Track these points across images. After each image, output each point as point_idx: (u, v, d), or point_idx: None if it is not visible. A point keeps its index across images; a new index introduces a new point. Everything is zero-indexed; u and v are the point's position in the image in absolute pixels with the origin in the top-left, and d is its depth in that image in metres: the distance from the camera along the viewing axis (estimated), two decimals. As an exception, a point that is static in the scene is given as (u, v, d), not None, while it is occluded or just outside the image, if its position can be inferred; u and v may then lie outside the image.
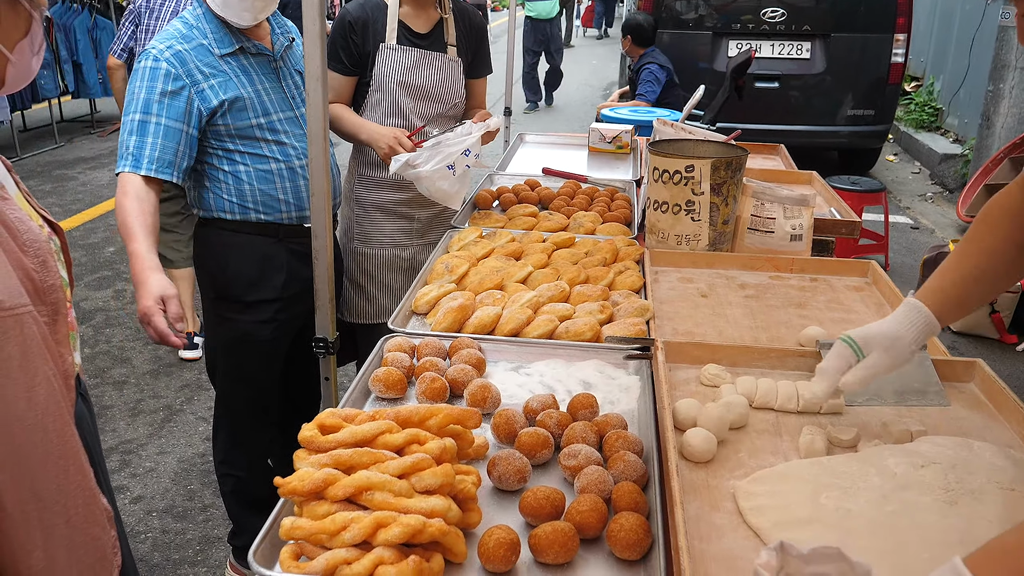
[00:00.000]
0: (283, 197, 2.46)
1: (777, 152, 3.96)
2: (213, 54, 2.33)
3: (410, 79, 2.80)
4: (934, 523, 1.20)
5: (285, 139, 2.45)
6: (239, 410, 2.67)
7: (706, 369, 1.71)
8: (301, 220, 2.52)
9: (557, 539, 1.23)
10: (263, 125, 2.40)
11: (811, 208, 2.47)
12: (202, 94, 2.30)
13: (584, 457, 1.42)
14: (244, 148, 2.40)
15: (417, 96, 2.83)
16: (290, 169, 2.46)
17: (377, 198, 2.92)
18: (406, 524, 1.18)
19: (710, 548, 1.21)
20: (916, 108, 9.96)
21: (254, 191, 2.42)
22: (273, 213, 2.46)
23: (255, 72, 2.41)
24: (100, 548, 1.21)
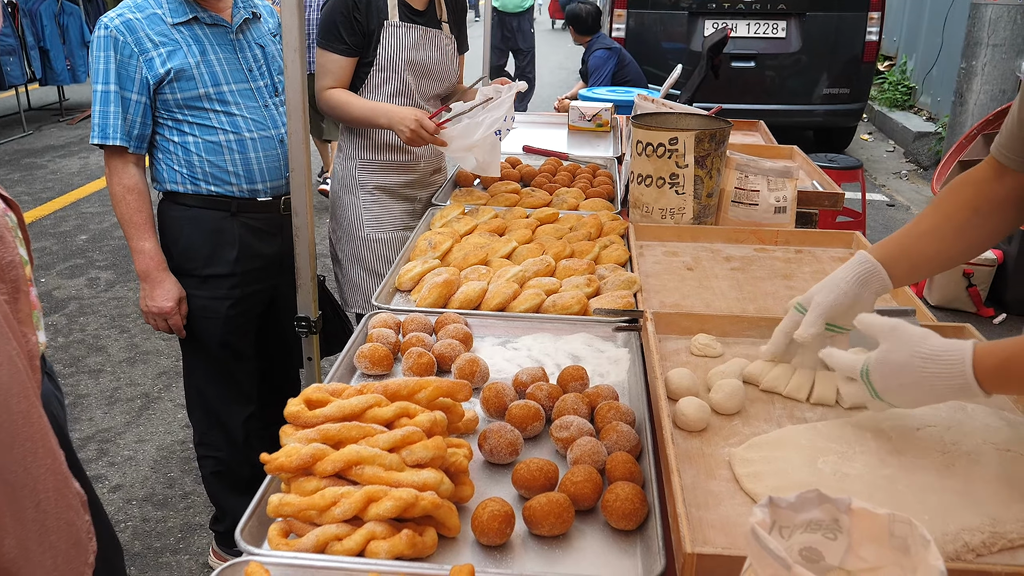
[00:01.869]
0: (232, 169, 2.42)
1: (757, 128, 3.95)
2: (165, 22, 2.30)
3: (415, 57, 2.72)
4: (932, 484, 1.19)
5: (236, 111, 2.40)
6: (207, 386, 2.64)
7: (696, 339, 1.69)
8: (253, 194, 2.48)
9: (552, 510, 1.21)
10: (211, 96, 2.35)
11: (795, 180, 2.46)
12: (150, 62, 2.27)
13: (576, 428, 1.40)
14: (192, 119, 2.36)
15: (421, 75, 2.76)
16: (239, 141, 2.41)
17: (382, 181, 2.84)
18: (398, 498, 1.15)
19: (708, 515, 1.19)
20: (890, 87, 10.03)
21: (203, 162, 2.38)
22: (223, 185, 2.43)
23: (208, 42, 2.36)
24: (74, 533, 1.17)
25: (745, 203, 2.46)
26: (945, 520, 1.12)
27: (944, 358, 1.13)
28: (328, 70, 2.65)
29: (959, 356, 1.12)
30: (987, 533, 1.11)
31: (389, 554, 1.13)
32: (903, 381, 1.18)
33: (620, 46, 6.79)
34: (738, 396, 1.44)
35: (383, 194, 2.85)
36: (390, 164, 2.83)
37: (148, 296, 2.38)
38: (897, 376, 1.18)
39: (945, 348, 1.14)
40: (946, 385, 1.14)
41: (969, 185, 1.47)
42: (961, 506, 1.15)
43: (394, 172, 2.85)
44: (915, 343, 1.16)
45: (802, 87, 7.57)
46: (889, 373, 1.19)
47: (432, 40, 2.75)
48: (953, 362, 1.12)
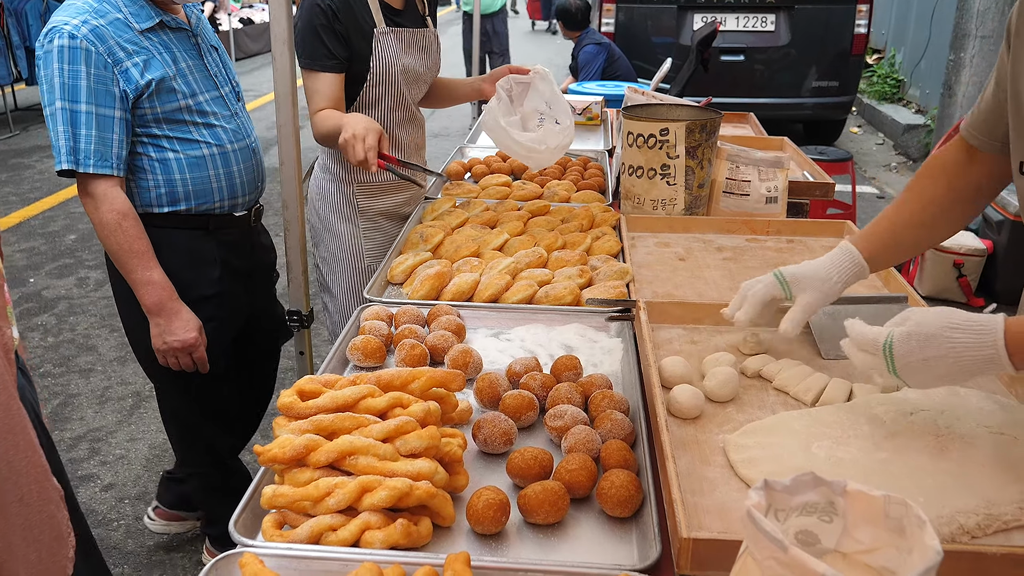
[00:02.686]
0: (216, 184, 2.25)
1: (747, 120, 3.96)
2: (132, 28, 2.08)
3: (408, 64, 2.47)
4: (927, 467, 1.19)
5: (215, 121, 2.24)
6: (187, 412, 2.49)
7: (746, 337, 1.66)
8: (232, 209, 2.33)
9: (547, 498, 1.20)
10: (191, 107, 2.17)
11: (786, 170, 2.46)
12: (126, 74, 2.05)
13: (570, 417, 1.40)
14: (172, 133, 2.17)
15: (412, 81, 2.53)
16: (223, 154, 2.25)
17: (381, 205, 2.61)
18: (392, 487, 1.15)
19: (703, 501, 1.19)
20: (878, 80, 10.06)
21: (185, 180, 2.20)
22: (205, 203, 2.25)
23: (177, 49, 2.17)
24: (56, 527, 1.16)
25: (736, 193, 2.46)
26: (940, 502, 1.12)
27: (975, 328, 1.11)
28: (317, 91, 2.33)
29: (991, 327, 1.10)
30: (982, 515, 1.11)
31: (384, 544, 1.12)
32: (928, 354, 1.14)
33: (610, 41, 6.81)
34: (732, 384, 1.44)
35: (383, 220, 2.63)
36: (388, 185, 2.60)
37: (166, 331, 2.17)
38: (923, 349, 1.14)
39: (976, 319, 1.12)
40: (974, 356, 1.11)
41: (944, 171, 1.48)
42: (956, 488, 1.15)
43: (392, 192, 2.62)
44: (946, 315, 1.14)
45: (791, 80, 7.59)
46: (915, 347, 1.15)
47: (420, 42, 2.53)
48: (984, 332, 1.10)
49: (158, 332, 2.18)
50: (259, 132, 9.30)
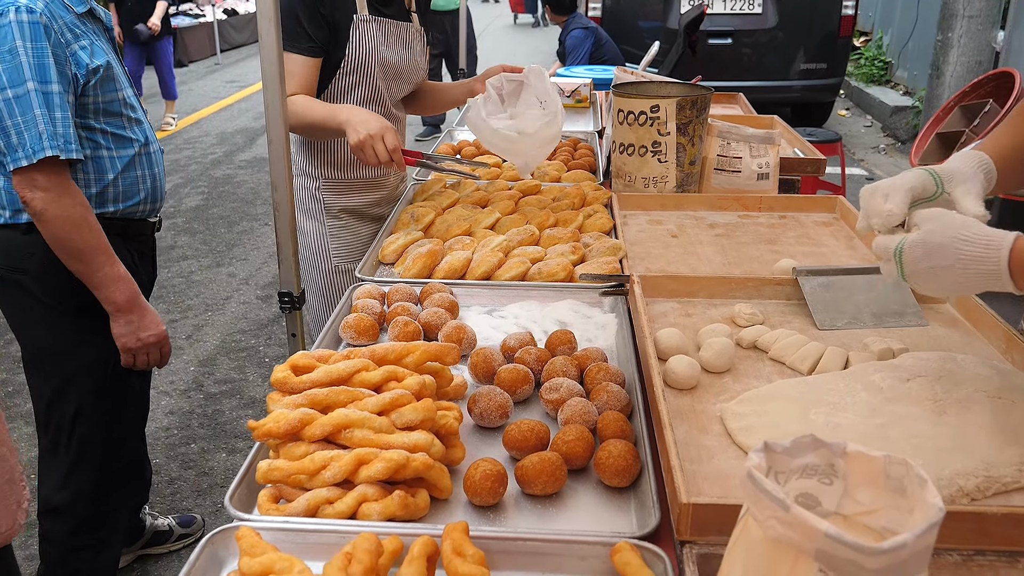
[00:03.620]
0: (143, 186, 2.14)
1: (736, 100, 3.96)
2: (71, 11, 1.95)
3: (387, 57, 2.33)
4: (925, 432, 1.19)
5: (140, 116, 2.12)
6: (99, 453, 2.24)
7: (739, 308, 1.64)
8: (151, 213, 2.21)
9: (545, 469, 1.19)
10: (126, 100, 2.05)
11: (777, 146, 2.45)
12: (75, 57, 1.91)
13: (566, 390, 1.39)
14: (109, 127, 2.03)
15: (392, 76, 2.38)
16: (147, 154, 2.14)
17: (348, 203, 2.46)
18: (389, 459, 1.14)
19: (701, 469, 1.19)
20: (866, 62, 10.07)
21: (116, 180, 2.07)
22: (130, 206, 2.12)
23: (102, 39, 2.06)
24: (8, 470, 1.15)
25: (728, 170, 2.45)
26: (939, 466, 1.12)
27: (983, 241, 1.09)
28: (290, 73, 2.14)
29: (998, 243, 1.09)
30: (981, 477, 1.11)
31: (381, 516, 1.12)
32: (934, 263, 1.13)
33: (597, 25, 6.78)
34: (728, 354, 1.44)
35: (350, 218, 2.48)
36: (357, 182, 2.46)
37: (139, 327, 2.05)
38: (930, 257, 1.13)
39: (988, 234, 1.10)
40: (978, 270, 1.10)
41: None
42: (954, 452, 1.15)
43: (361, 191, 2.48)
44: (958, 227, 1.12)
45: (779, 63, 7.59)
46: (924, 254, 1.14)
47: (403, 36, 2.38)
48: (991, 247, 1.09)
49: (130, 330, 2.04)
50: (247, 122, 9.30)
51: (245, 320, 4.55)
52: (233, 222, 6.10)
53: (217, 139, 8.66)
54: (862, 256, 2.01)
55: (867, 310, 1.62)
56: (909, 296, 1.65)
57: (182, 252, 5.53)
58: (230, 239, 5.78)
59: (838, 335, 1.56)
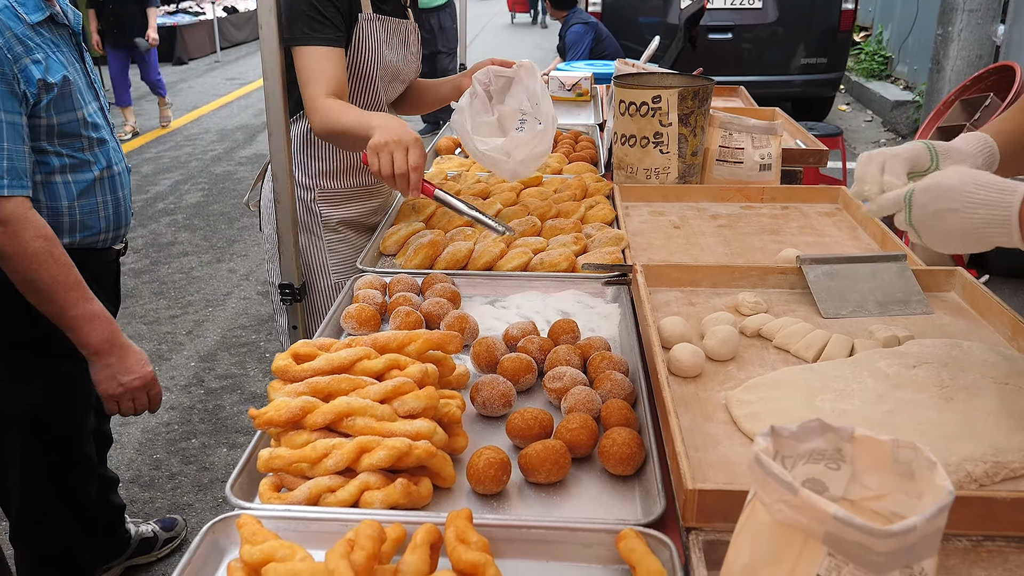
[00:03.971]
0: (103, 213, 1.95)
1: (737, 93, 3.94)
2: (23, 21, 1.74)
3: (388, 58, 2.17)
4: (932, 418, 1.18)
5: (102, 136, 1.92)
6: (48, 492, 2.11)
7: (742, 297, 1.63)
8: (114, 241, 2.03)
9: (549, 457, 1.18)
10: (85, 120, 1.85)
11: (779, 137, 2.44)
12: (26, 73, 1.71)
13: (570, 379, 1.38)
14: (64, 150, 1.83)
15: (390, 78, 2.23)
16: (111, 177, 1.95)
17: (346, 214, 2.29)
18: (391, 447, 1.13)
19: (707, 456, 1.18)
20: (866, 58, 10.05)
21: (72, 208, 1.87)
22: (89, 236, 1.93)
23: (65, 49, 1.86)
24: None
25: (730, 161, 2.44)
26: (947, 451, 1.11)
27: (997, 186, 1.08)
28: (319, 72, 1.92)
29: (1012, 187, 1.07)
30: (989, 463, 1.10)
31: (384, 504, 1.11)
32: (943, 206, 1.11)
33: (597, 20, 6.77)
34: (732, 342, 1.43)
35: (348, 230, 2.30)
36: (355, 191, 2.29)
37: (121, 371, 1.86)
38: (940, 200, 1.12)
39: (1002, 181, 1.09)
40: (987, 215, 1.08)
41: None
42: (962, 438, 1.14)
43: (358, 200, 2.31)
44: (972, 173, 1.11)
45: (779, 58, 7.57)
46: (934, 197, 1.13)
47: (401, 35, 2.23)
48: (1005, 191, 1.07)
49: (110, 374, 1.86)
50: (247, 119, 9.29)
51: (246, 316, 4.54)
52: (233, 218, 6.09)
53: (217, 136, 8.65)
54: (865, 246, 2.00)
55: (871, 298, 1.61)
56: (914, 284, 1.64)
57: (182, 248, 5.52)
58: (230, 235, 5.77)
59: (843, 323, 1.55)
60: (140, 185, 6.84)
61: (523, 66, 2.17)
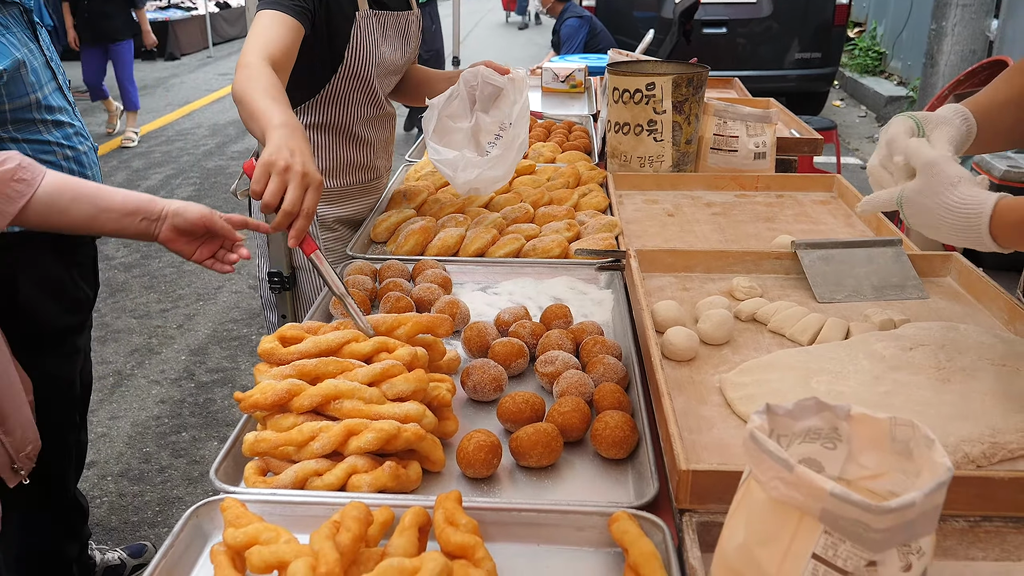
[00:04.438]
0: None
1: (731, 85, 3.92)
2: None
3: (385, 54, 2.05)
4: (929, 399, 1.16)
5: (63, 118, 1.87)
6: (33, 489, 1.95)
7: (737, 282, 1.61)
8: None
9: (540, 440, 1.16)
10: (40, 103, 1.79)
11: (774, 125, 2.42)
12: None
13: (562, 363, 1.36)
14: (21, 135, 1.78)
15: (387, 72, 2.10)
16: (76, 158, 1.91)
17: (343, 212, 2.18)
18: (379, 430, 1.10)
19: (700, 438, 1.16)
20: (860, 53, 10.05)
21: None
22: None
23: (17, 28, 1.79)
24: None
25: (724, 149, 2.42)
26: (944, 432, 1.09)
27: (963, 211, 1.11)
28: (264, 33, 1.71)
29: (977, 211, 1.09)
30: (987, 444, 1.08)
31: (371, 487, 1.08)
32: (925, 222, 1.16)
33: (591, 15, 6.75)
34: (726, 325, 1.41)
35: (345, 229, 2.19)
36: (352, 189, 2.18)
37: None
38: (920, 216, 1.17)
39: (967, 202, 1.11)
40: (962, 237, 1.12)
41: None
42: (959, 418, 1.12)
43: (356, 197, 2.20)
44: (943, 191, 1.13)
45: (774, 52, 7.56)
46: (915, 212, 1.17)
47: (401, 29, 2.11)
48: (971, 216, 1.10)
49: None
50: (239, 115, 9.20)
51: (237, 309, 4.51)
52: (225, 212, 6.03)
53: (209, 131, 8.60)
54: (860, 233, 1.98)
55: (867, 283, 1.59)
56: (910, 269, 1.62)
57: (174, 243, 5.47)
58: (222, 230, 5.73)
59: (838, 308, 1.54)
60: (131, 180, 6.79)
61: (514, 80, 2.03)
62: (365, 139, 2.14)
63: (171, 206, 1.48)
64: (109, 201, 1.45)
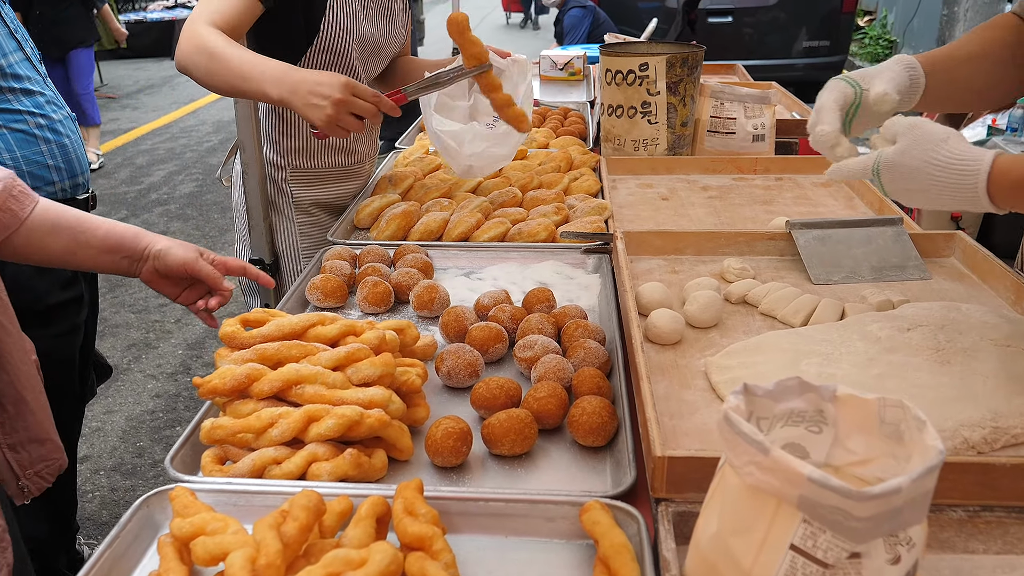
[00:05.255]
0: (52, 162, 1.88)
1: (734, 71, 3.84)
2: None
3: (367, 32, 1.96)
4: (926, 382, 1.09)
5: (32, 87, 1.85)
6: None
7: (728, 263, 1.54)
8: (74, 191, 1.95)
9: (513, 426, 1.10)
10: (4, 71, 1.79)
11: (773, 106, 2.35)
12: None
13: (541, 347, 1.30)
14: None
15: (367, 53, 2.01)
16: (51, 125, 1.88)
17: (320, 196, 2.09)
18: (341, 416, 1.05)
19: (682, 424, 1.09)
20: (870, 42, 9.92)
21: (16, 160, 1.81)
22: (44, 187, 1.87)
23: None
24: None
25: (721, 132, 2.35)
26: (942, 416, 1.03)
27: (958, 167, 1.01)
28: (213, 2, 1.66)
29: (974, 167, 1.00)
30: (988, 428, 1.01)
31: (332, 476, 1.02)
32: (911, 186, 1.06)
33: (595, 5, 6.68)
34: (714, 307, 1.34)
35: (322, 212, 2.10)
36: (330, 172, 2.08)
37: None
38: (906, 180, 1.06)
39: (962, 157, 1.01)
40: (954, 196, 1.03)
41: (1004, 28, 1.34)
42: (959, 401, 1.05)
43: (335, 181, 2.10)
44: (931, 147, 1.03)
45: (781, 41, 7.46)
46: (899, 176, 1.06)
47: (383, 5, 2.03)
48: (967, 173, 1.01)
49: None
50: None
51: (235, 304, 4.46)
52: (226, 207, 6.01)
53: (213, 127, 8.57)
54: (863, 215, 1.91)
55: (865, 263, 1.52)
56: (911, 249, 1.55)
57: (175, 237, 5.44)
58: (223, 224, 5.69)
59: (834, 290, 1.46)
60: (134, 176, 6.76)
61: (517, 61, 1.94)
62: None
63: (155, 246, 1.35)
64: (91, 234, 1.33)
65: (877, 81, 1.23)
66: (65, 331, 1.89)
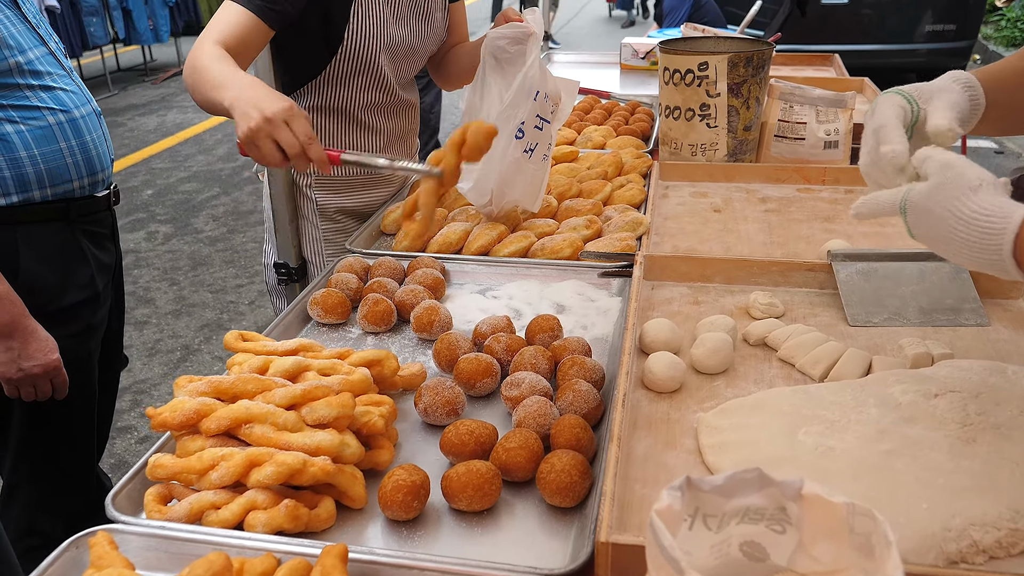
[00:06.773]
0: (71, 160, 1.84)
1: (831, 62, 3.58)
2: None
3: (394, 35, 1.86)
4: (941, 464, 0.94)
5: (53, 82, 1.83)
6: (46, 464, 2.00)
7: (755, 298, 1.40)
8: (93, 188, 1.92)
9: (471, 482, 1.01)
10: (23, 67, 1.76)
11: (849, 110, 2.14)
12: None
13: (528, 386, 1.20)
14: (6, 101, 1.75)
15: (399, 57, 1.91)
16: (71, 121, 1.84)
17: (346, 203, 2.02)
18: (281, 463, 0.98)
19: (654, 494, 0.98)
20: (1008, 24, 9.18)
21: (34, 157, 1.78)
22: (62, 184, 1.84)
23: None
24: None
25: (790, 137, 2.17)
26: (950, 511, 0.88)
27: (981, 224, 0.86)
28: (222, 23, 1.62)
29: (999, 226, 0.85)
30: (1004, 530, 0.86)
31: (267, 528, 0.96)
32: (932, 235, 0.93)
33: None
34: (723, 352, 1.21)
35: (348, 220, 2.04)
36: (356, 179, 2.01)
37: (22, 355, 1.73)
38: (929, 227, 0.93)
39: (987, 212, 0.86)
40: (975, 258, 0.88)
41: None
42: (974, 492, 0.90)
43: (361, 189, 2.03)
44: (957, 196, 0.89)
45: (902, 24, 6.96)
46: (922, 220, 0.93)
47: (418, 7, 1.90)
48: (990, 232, 0.86)
49: (10, 358, 1.72)
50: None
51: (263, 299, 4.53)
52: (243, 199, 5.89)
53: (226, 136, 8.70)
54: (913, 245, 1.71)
55: (914, 304, 1.35)
56: (970, 289, 1.37)
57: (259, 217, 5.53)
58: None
59: (871, 334, 1.30)
60: (231, 153, 6.93)
61: (531, 36, 1.69)
62: (373, 126, 1.96)
63: None
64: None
65: (936, 106, 1.07)
66: (79, 332, 1.91)
